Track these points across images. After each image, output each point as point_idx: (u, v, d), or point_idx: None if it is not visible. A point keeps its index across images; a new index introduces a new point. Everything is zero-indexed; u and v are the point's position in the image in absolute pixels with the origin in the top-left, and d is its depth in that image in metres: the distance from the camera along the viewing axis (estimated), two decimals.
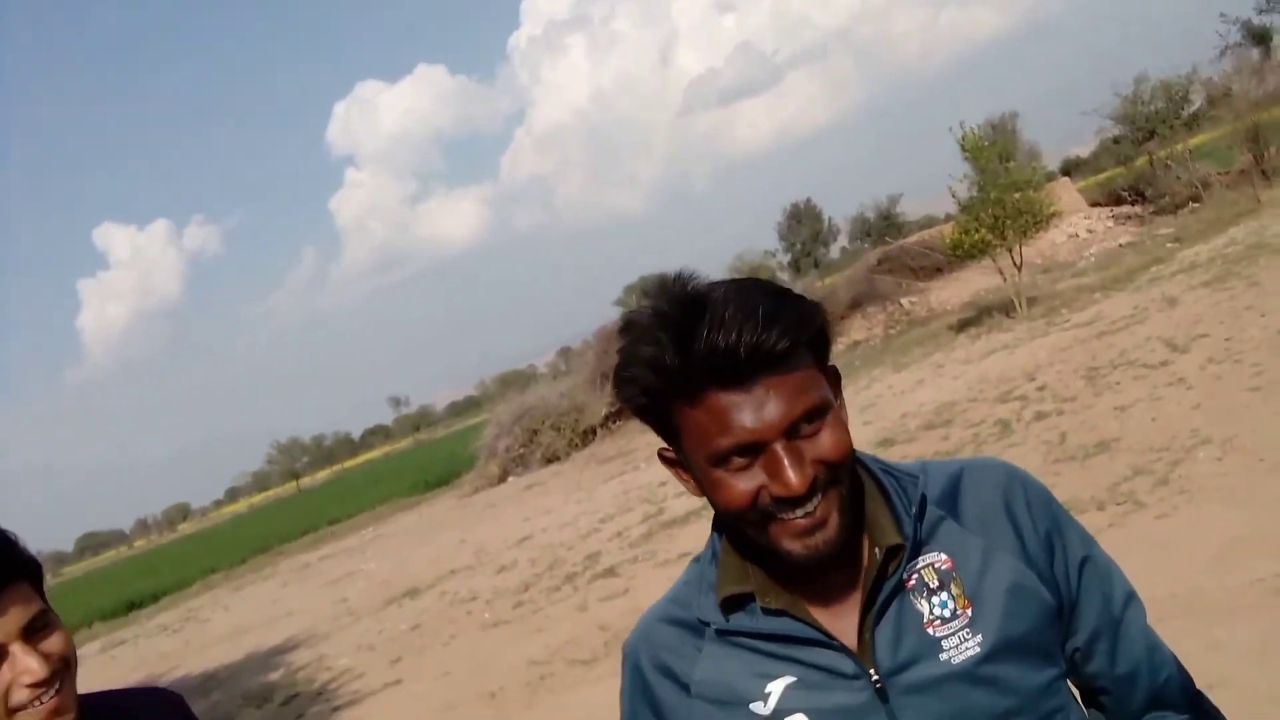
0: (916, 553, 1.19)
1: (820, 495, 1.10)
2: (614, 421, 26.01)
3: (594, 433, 25.75)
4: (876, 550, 1.18)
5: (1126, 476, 7.02)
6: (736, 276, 1.18)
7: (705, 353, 1.07)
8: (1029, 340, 14.51)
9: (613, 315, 31.64)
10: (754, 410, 1.08)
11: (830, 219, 67.35)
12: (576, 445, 25.60)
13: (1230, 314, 10.84)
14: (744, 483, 1.10)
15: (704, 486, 1.16)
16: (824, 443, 1.10)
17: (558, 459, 25.33)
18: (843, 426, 1.14)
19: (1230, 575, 5.01)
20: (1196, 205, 23.28)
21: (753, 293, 1.11)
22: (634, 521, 12.82)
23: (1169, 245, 19.31)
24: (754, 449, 1.09)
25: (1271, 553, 5.05)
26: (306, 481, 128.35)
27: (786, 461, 1.08)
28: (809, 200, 67.99)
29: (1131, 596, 1.30)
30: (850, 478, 1.16)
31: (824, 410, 1.11)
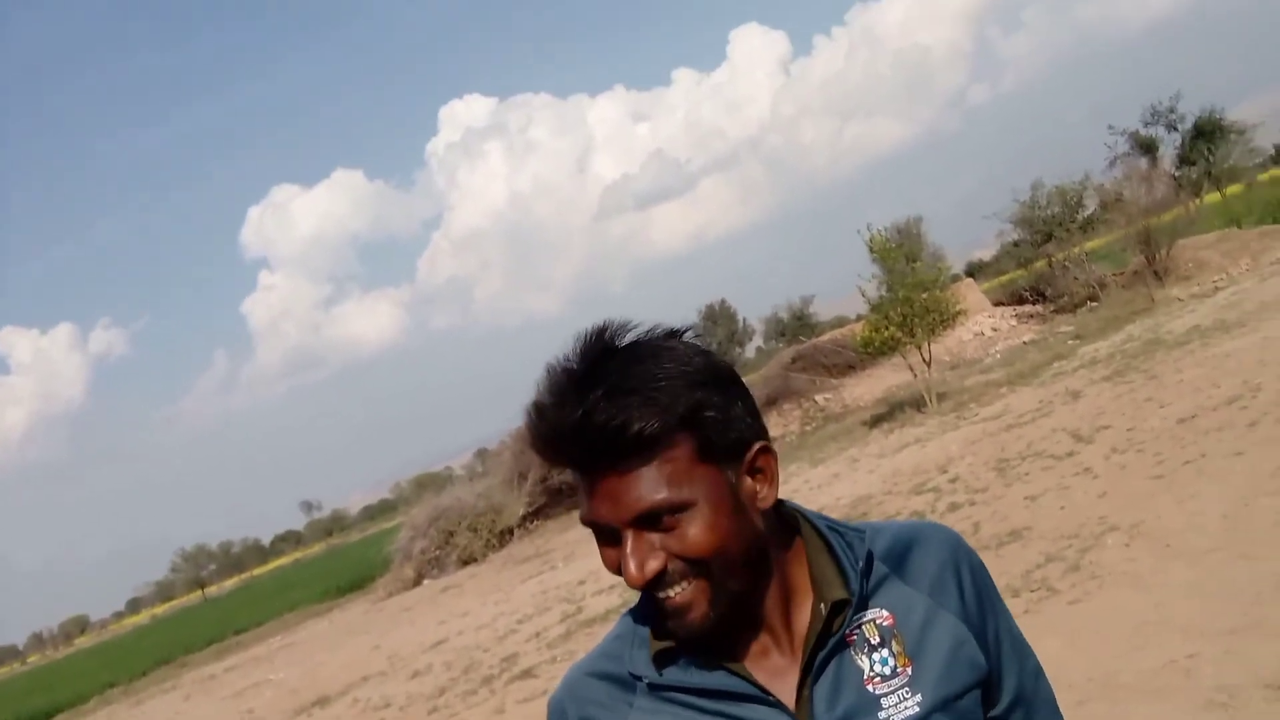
0: (861, 608, 1.17)
1: (684, 583, 1.07)
2: (532, 521, 25.73)
3: (511, 533, 25.41)
4: (822, 605, 1.15)
5: (1039, 564, 7.13)
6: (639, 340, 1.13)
7: (551, 434, 1.07)
8: (940, 434, 14.78)
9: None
10: (602, 497, 1.07)
11: (745, 319, 68.60)
12: (494, 546, 25.19)
13: (1131, 406, 11.20)
14: (610, 555, 1.10)
15: None
16: (684, 538, 1.06)
17: (474, 560, 24.87)
18: (711, 524, 1.07)
19: (1143, 658, 5.08)
20: (1094, 304, 24.16)
21: (630, 364, 1.07)
22: (553, 621, 12.59)
23: (1070, 342, 19.96)
24: (610, 530, 1.08)
25: (1181, 635, 5.15)
26: (213, 590, 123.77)
27: (628, 551, 1.06)
28: (724, 301, 69.26)
29: (1041, 671, 1.31)
30: (737, 565, 1.10)
31: (684, 507, 1.06)
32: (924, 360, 18.22)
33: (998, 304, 28.34)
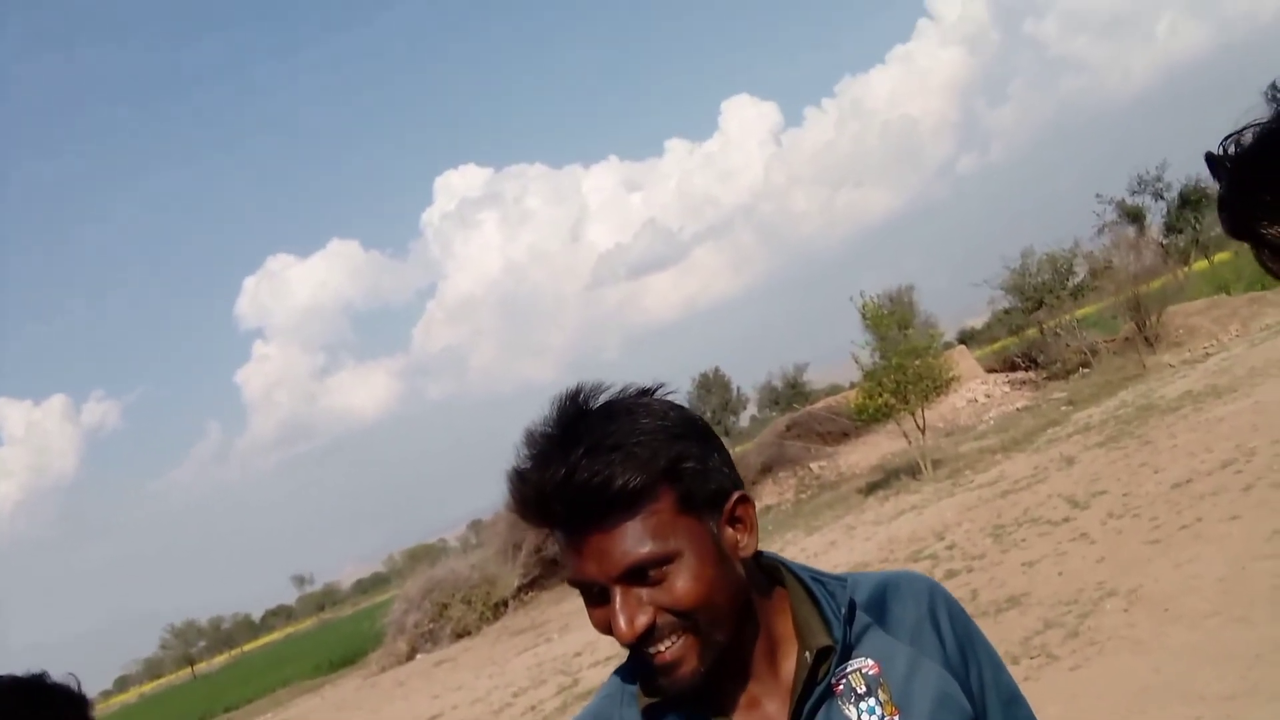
0: (846, 657, 1.17)
1: (673, 638, 1.08)
2: (526, 593, 25.52)
3: (506, 605, 25.19)
4: (806, 654, 1.16)
5: (1038, 630, 7.11)
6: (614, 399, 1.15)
7: (536, 496, 1.08)
8: (936, 501, 14.76)
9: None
10: (589, 555, 1.07)
11: (739, 388, 68.46)
12: (488, 618, 24.96)
13: (1126, 471, 11.22)
14: (599, 614, 1.11)
15: None
16: (672, 590, 1.07)
17: (469, 633, 24.62)
18: (696, 574, 1.08)
19: None
20: (1087, 370, 24.27)
21: (609, 422, 1.09)
22: (548, 694, 12.44)
23: (1063, 408, 20.03)
24: (598, 589, 1.09)
25: (1181, 699, 5.13)
26: (203, 667, 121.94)
27: (617, 607, 1.07)
28: (717, 369, 69.16)
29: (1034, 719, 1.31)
30: (723, 616, 1.11)
31: (669, 559, 1.07)
32: (918, 427, 18.25)
33: (990, 371, 28.45)
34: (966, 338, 46.85)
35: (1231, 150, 0.74)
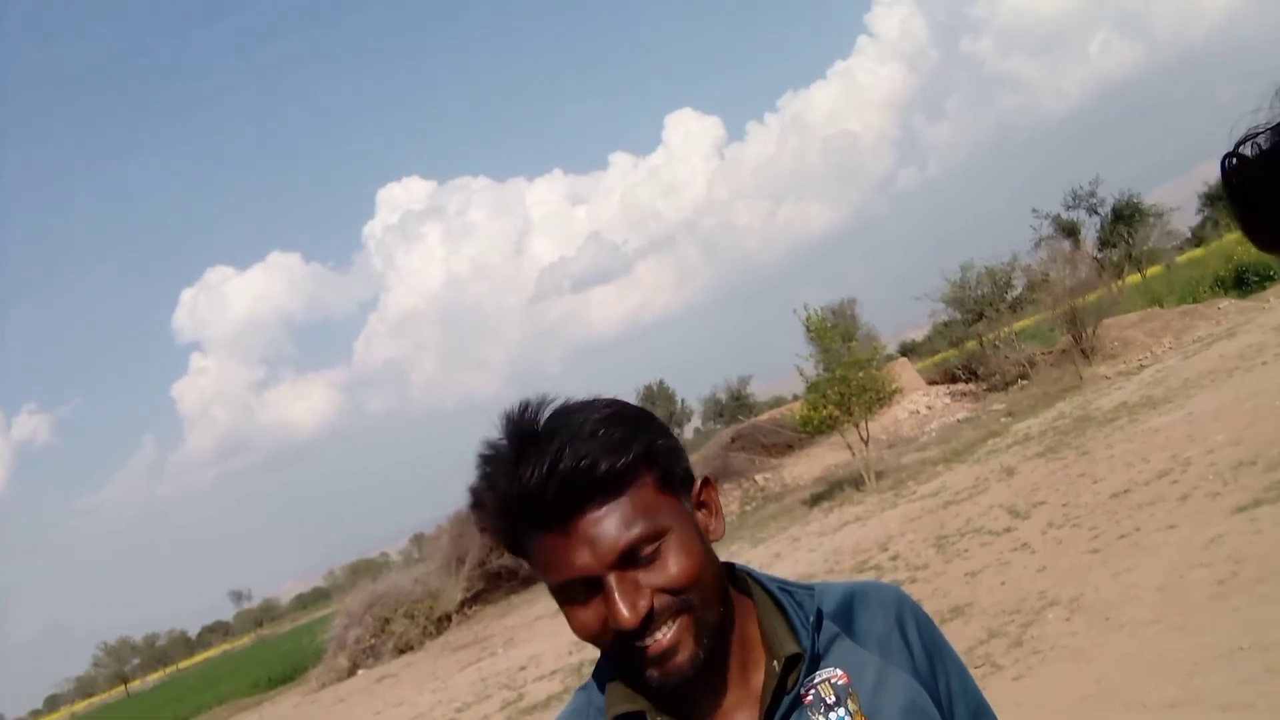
0: (814, 666, 1.16)
1: (670, 622, 1.07)
2: (470, 607, 25.32)
3: (449, 619, 24.96)
4: (775, 663, 1.15)
5: (982, 640, 7.17)
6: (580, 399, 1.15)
7: (519, 493, 1.05)
8: (879, 512, 14.87)
9: (467, 499, 31.15)
10: (580, 545, 1.05)
11: (683, 400, 68.81)
12: (431, 633, 24.69)
13: (1065, 482, 11.38)
14: (588, 614, 1.07)
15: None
16: (665, 569, 1.07)
17: (411, 648, 24.32)
18: (687, 549, 1.09)
19: None
20: (1025, 382, 24.64)
21: (576, 415, 1.08)
22: (493, 710, 12.31)
23: (1003, 419, 20.31)
24: (588, 583, 1.06)
25: (1124, 708, 5.19)
26: (136, 685, 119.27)
27: (616, 595, 1.04)
28: (661, 382, 69.48)
29: None
30: (713, 596, 1.11)
31: (660, 535, 1.07)
32: (862, 439, 18.40)
33: (931, 383, 28.79)
34: (908, 350, 47.37)
35: (1251, 154, 0.69)
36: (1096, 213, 44.58)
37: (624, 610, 1.04)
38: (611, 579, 1.05)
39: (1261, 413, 10.58)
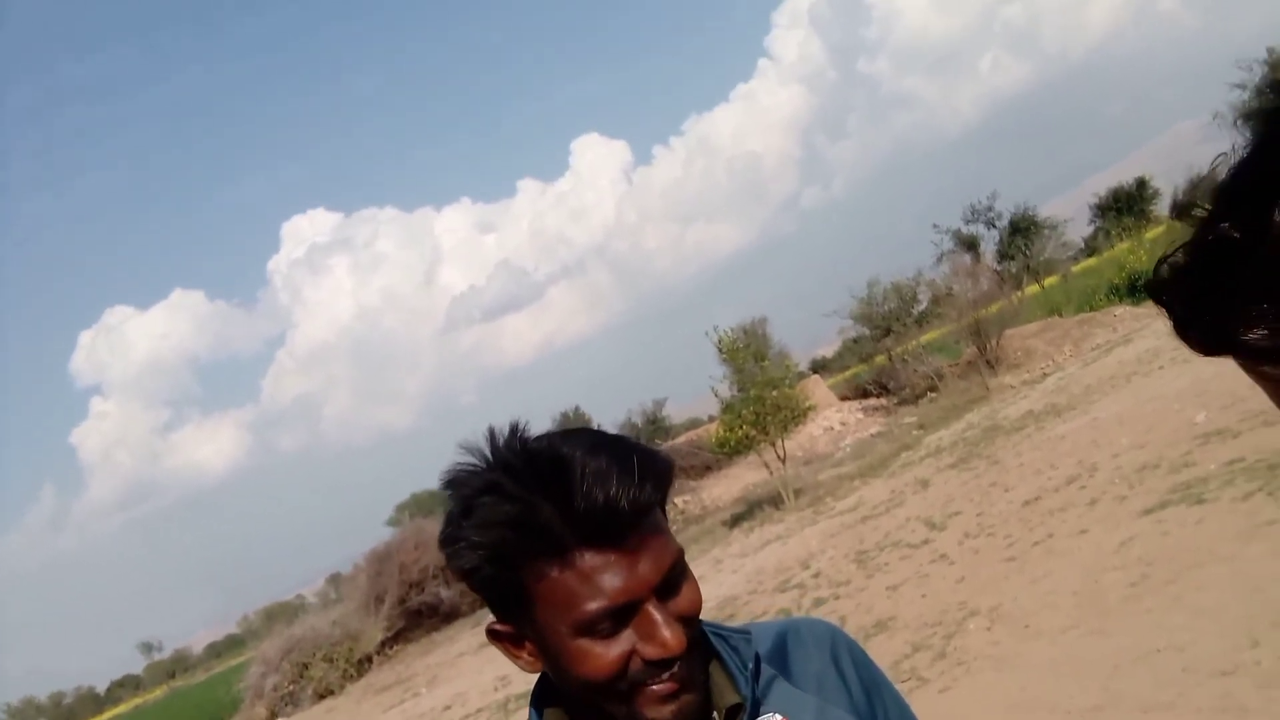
0: (755, 713, 1.15)
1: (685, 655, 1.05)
2: (391, 646, 24.84)
3: (370, 660, 24.44)
4: (716, 714, 1.13)
5: (907, 654, 7.22)
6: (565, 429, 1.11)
7: (583, 510, 0.99)
8: (800, 530, 14.96)
9: (384, 535, 30.62)
10: (627, 569, 1.01)
11: (599, 426, 68.62)
12: (351, 676, 24.14)
13: (978, 492, 11.59)
14: (613, 650, 1.02)
15: (558, 659, 1.05)
16: (685, 597, 1.06)
17: (332, 693, 23.75)
18: (691, 576, 1.09)
19: None
20: (934, 394, 25.09)
21: (618, 444, 1.04)
22: None
23: (915, 432, 20.64)
24: (625, 611, 1.02)
25: (1048, 712, 5.26)
26: None
27: (661, 620, 1.02)
28: (577, 408, 69.07)
29: None
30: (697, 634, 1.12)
31: (682, 557, 1.07)
32: (779, 457, 18.52)
33: (844, 399, 29.15)
34: (819, 367, 47.97)
35: (1169, 271, 0.73)
36: (994, 226, 45.76)
37: (669, 635, 1.01)
38: (652, 606, 1.02)
39: (1162, 416, 10.91)
